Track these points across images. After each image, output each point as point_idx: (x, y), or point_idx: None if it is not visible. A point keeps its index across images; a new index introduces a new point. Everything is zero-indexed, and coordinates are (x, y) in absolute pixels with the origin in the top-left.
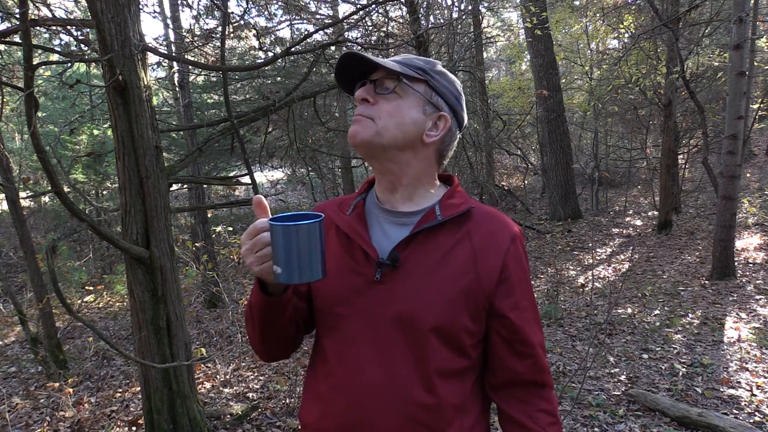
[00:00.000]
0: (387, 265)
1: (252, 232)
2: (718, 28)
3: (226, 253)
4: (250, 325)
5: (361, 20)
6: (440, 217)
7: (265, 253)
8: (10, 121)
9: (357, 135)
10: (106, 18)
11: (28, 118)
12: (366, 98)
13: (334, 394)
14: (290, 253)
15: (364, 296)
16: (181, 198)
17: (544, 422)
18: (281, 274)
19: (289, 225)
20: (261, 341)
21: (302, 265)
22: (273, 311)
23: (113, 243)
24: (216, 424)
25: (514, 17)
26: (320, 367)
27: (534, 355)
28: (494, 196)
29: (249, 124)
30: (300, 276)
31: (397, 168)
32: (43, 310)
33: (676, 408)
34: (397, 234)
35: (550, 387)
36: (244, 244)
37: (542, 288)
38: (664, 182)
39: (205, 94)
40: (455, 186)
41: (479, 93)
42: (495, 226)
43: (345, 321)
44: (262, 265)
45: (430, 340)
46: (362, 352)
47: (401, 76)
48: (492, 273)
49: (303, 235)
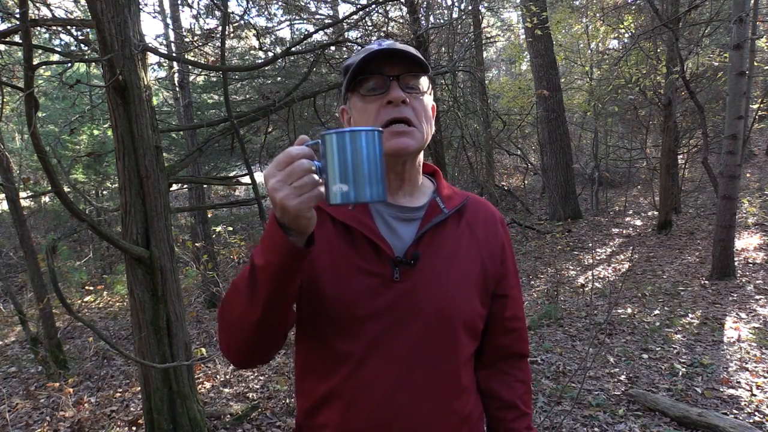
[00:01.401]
0: (405, 263)
1: (284, 160)
2: (718, 28)
3: (226, 253)
4: (245, 299)
5: (361, 20)
6: (446, 210)
7: (306, 182)
8: (10, 121)
9: (408, 147)
10: (106, 18)
11: (28, 118)
12: (405, 100)
13: (361, 395)
14: (358, 164)
15: (383, 296)
16: (181, 198)
17: (520, 391)
18: (346, 192)
19: (353, 130)
20: (258, 324)
21: (371, 178)
22: (292, 271)
23: (113, 243)
24: (216, 424)
25: (514, 17)
26: (334, 369)
27: (519, 327)
28: (494, 196)
29: (249, 124)
30: (371, 191)
31: (410, 166)
32: (43, 310)
33: (676, 408)
34: (404, 230)
35: (527, 355)
36: (273, 176)
37: (542, 288)
38: (664, 182)
39: (205, 94)
40: (440, 178)
41: (479, 93)
42: (486, 214)
43: (365, 323)
44: (301, 197)
45: (460, 335)
46: (389, 352)
47: (427, 73)
48: (495, 259)
49: (370, 143)
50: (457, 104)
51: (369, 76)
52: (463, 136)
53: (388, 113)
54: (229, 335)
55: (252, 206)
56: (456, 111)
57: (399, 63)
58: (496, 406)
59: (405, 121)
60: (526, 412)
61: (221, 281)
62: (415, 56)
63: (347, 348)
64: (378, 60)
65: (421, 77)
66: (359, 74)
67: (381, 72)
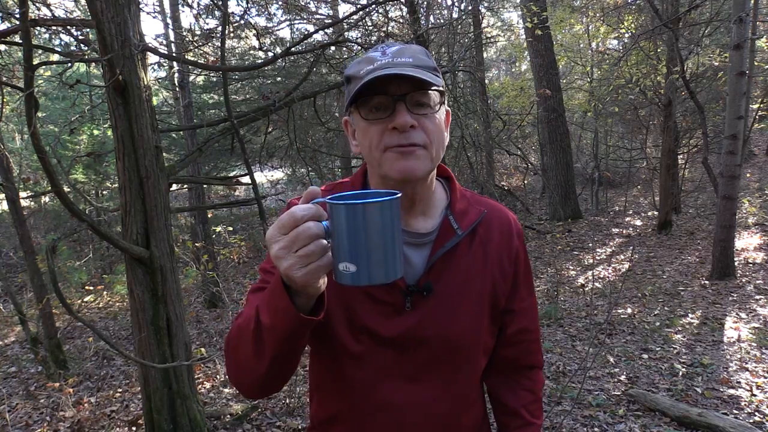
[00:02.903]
0: (417, 292)
1: (288, 223)
2: (718, 28)
3: (226, 253)
4: (250, 352)
5: (361, 20)
6: (460, 231)
7: (312, 251)
8: (10, 121)
9: (415, 171)
10: (106, 18)
11: (28, 118)
12: (413, 125)
13: (371, 418)
14: (372, 242)
15: (394, 325)
16: (181, 198)
17: (526, 400)
18: (355, 273)
19: (366, 203)
20: (266, 375)
21: (387, 257)
22: (298, 336)
23: (113, 243)
24: (216, 424)
25: (514, 17)
26: (344, 394)
27: (528, 340)
28: (494, 196)
29: (249, 124)
30: (386, 271)
31: (422, 188)
32: (43, 310)
33: (676, 408)
34: (415, 255)
35: (539, 367)
36: (276, 241)
37: (542, 288)
38: (664, 182)
39: (205, 94)
40: (455, 186)
41: (479, 93)
42: (502, 226)
43: (375, 351)
44: (308, 267)
45: (470, 357)
46: (399, 377)
47: (438, 89)
48: (507, 277)
49: (386, 216)
50: (457, 104)
51: (371, 96)
52: (463, 136)
53: (393, 140)
54: (237, 373)
55: (252, 206)
56: (456, 111)
57: (406, 80)
58: (501, 412)
59: (412, 146)
60: (532, 422)
61: (221, 281)
62: (423, 68)
63: (358, 375)
64: (382, 78)
65: (432, 91)
66: (360, 95)
67: (385, 92)
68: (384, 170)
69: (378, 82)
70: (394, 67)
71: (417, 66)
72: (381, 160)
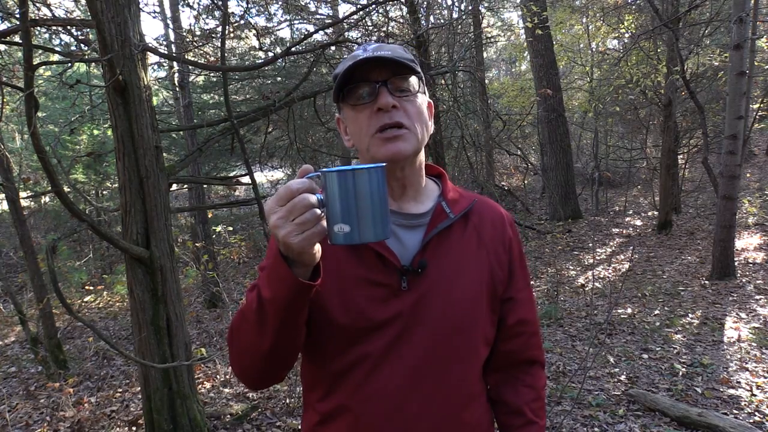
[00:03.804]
0: (413, 272)
1: (285, 195)
2: (718, 28)
3: (226, 253)
4: (253, 330)
5: (361, 20)
6: (452, 215)
7: (307, 218)
8: (10, 121)
9: (402, 151)
10: (106, 18)
11: (28, 118)
12: (395, 105)
13: (369, 406)
14: (362, 203)
15: (390, 306)
16: (181, 198)
17: (528, 397)
18: (348, 233)
19: (355, 169)
20: (269, 353)
21: (375, 217)
22: (300, 304)
23: (113, 243)
24: (216, 424)
25: (515, 17)
26: (341, 381)
27: (527, 332)
28: (494, 196)
29: (249, 124)
30: (375, 231)
31: (410, 170)
32: (43, 310)
33: (676, 408)
34: (409, 237)
35: (541, 364)
36: (274, 212)
37: (542, 288)
38: (664, 182)
39: (205, 94)
40: (446, 181)
41: (479, 93)
42: (494, 216)
43: (372, 334)
44: (303, 234)
45: (470, 343)
46: (398, 362)
47: (417, 76)
48: (503, 264)
49: (374, 181)
50: (457, 104)
51: (356, 84)
52: (463, 136)
53: (379, 120)
54: (241, 361)
55: (252, 206)
56: (456, 111)
57: (385, 67)
58: (503, 411)
59: (397, 125)
60: (534, 421)
61: (221, 281)
62: (401, 58)
63: (355, 359)
64: (363, 67)
65: (411, 77)
66: (346, 84)
67: (367, 79)
68: (372, 154)
69: (360, 70)
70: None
71: (396, 57)
72: (369, 145)
